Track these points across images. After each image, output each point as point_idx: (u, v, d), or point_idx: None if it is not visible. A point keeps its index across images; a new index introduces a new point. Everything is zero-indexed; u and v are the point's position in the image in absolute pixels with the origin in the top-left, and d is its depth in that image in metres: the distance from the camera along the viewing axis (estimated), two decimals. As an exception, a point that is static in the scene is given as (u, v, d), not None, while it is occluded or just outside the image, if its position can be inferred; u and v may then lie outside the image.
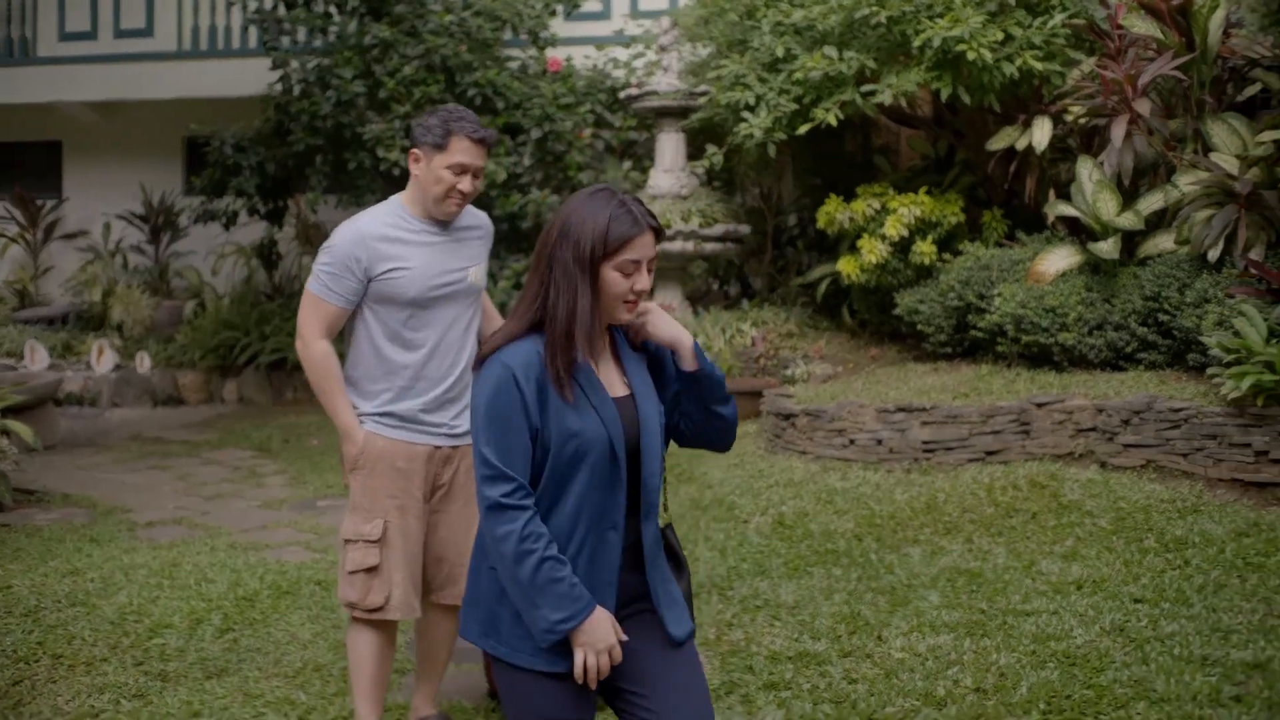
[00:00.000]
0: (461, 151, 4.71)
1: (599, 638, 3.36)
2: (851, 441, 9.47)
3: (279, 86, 14.11)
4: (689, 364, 3.58)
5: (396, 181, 13.95)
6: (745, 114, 10.89)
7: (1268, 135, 9.18)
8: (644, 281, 3.42)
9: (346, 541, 4.96)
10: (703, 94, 12.14)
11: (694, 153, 13.20)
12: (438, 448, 4.99)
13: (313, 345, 4.82)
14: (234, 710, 5.75)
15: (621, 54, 14.92)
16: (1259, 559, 6.89)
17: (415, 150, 4.79)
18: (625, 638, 3.45)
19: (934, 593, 6.84)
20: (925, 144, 12.08)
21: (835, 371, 11.26)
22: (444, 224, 4.89)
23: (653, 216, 3.45)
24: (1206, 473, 8.12)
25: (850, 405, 9.51)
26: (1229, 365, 8.15)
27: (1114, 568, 7.01)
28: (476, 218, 5.10)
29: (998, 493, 8.17)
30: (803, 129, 10.61)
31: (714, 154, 12.01)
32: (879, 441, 9.32)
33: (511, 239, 14.04)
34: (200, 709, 5.75)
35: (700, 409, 3.64)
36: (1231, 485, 7.97)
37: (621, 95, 13.60)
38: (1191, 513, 7.63)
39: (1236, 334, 8.24)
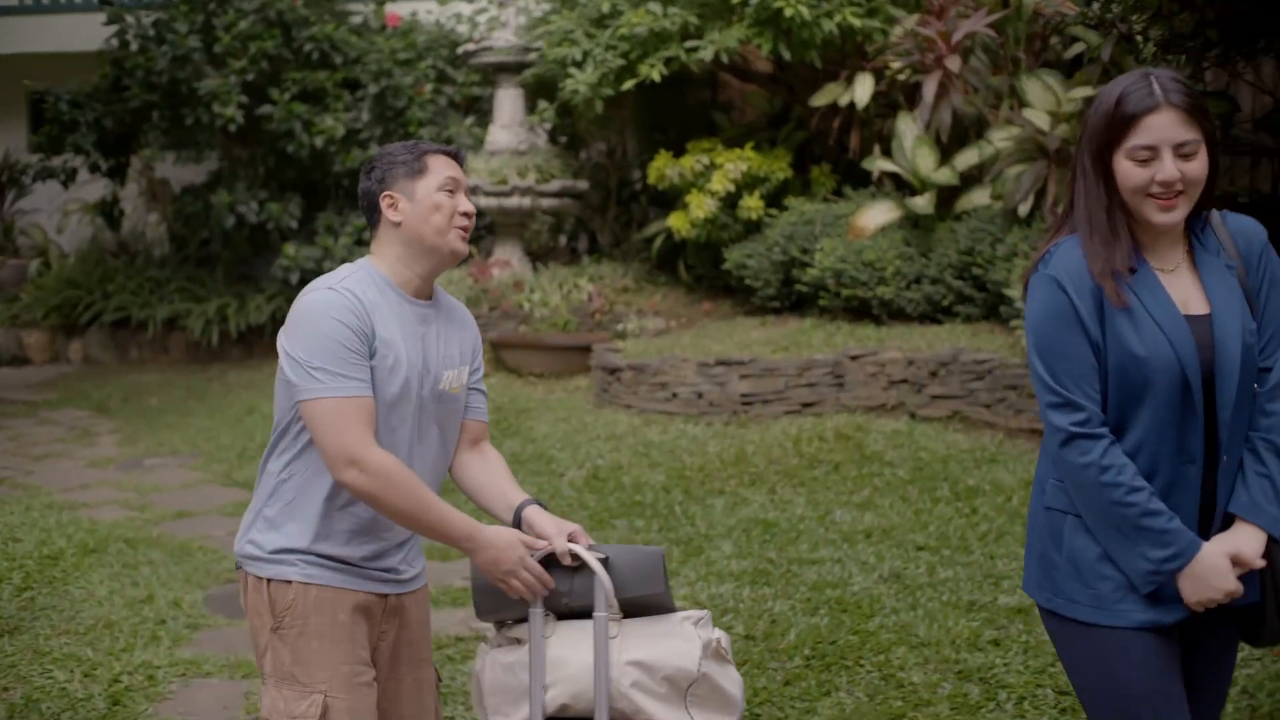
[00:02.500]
0: (444, 166, 3.55)
1: (1215, 580, 2.97)
2: (674, 395, 9.56)
3: (115, 42, 13.90)
4: None
5: (234, 138, 13.84)
6: (572, 70, 10.91)
7: (1079, 92, 9.36)
8: (1168, 170, 2.94)
9: None
10: (537, 50, 12.13)
11: (535, 108, 13.19)
12: (384, 596, 3.60)
13: (372, 461, 3.32)
14: (21, 668, 5.71)
15: (466, 9, 14.86)
16: (1043, 506, 7.06)
17: (388, 194, 3.52)
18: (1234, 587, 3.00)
19: (728, 543, 6.95)
20: (763, 100, 12.15)
21: (668, 326, 11.35)
22: (428, 298, 3.61)
23: (1186, 90, 2.95)
24: (1007, 423, 8.31)
25: (673, 359, 9.60)
26: (1030, 317, 8.32)
27: (905, 516, 7.16)
28: (452, 303, 3.77)
29: (804, 444, 8.30)
30: (628, 84, 10.64)
31: (545, 110, 12.01)
32: (700, 395, 9.42)
33: (352, 195, 13.95)
34: (-17, 667, 5.73)
35: None
36: (1030, 435, 8.16)
37: (460, 51, 13.55)
38: (988, 462, 7.81)
39: (1039, 287, 8.40)
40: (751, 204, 10.84)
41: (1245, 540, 3.01)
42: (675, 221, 11.25)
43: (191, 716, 5.34)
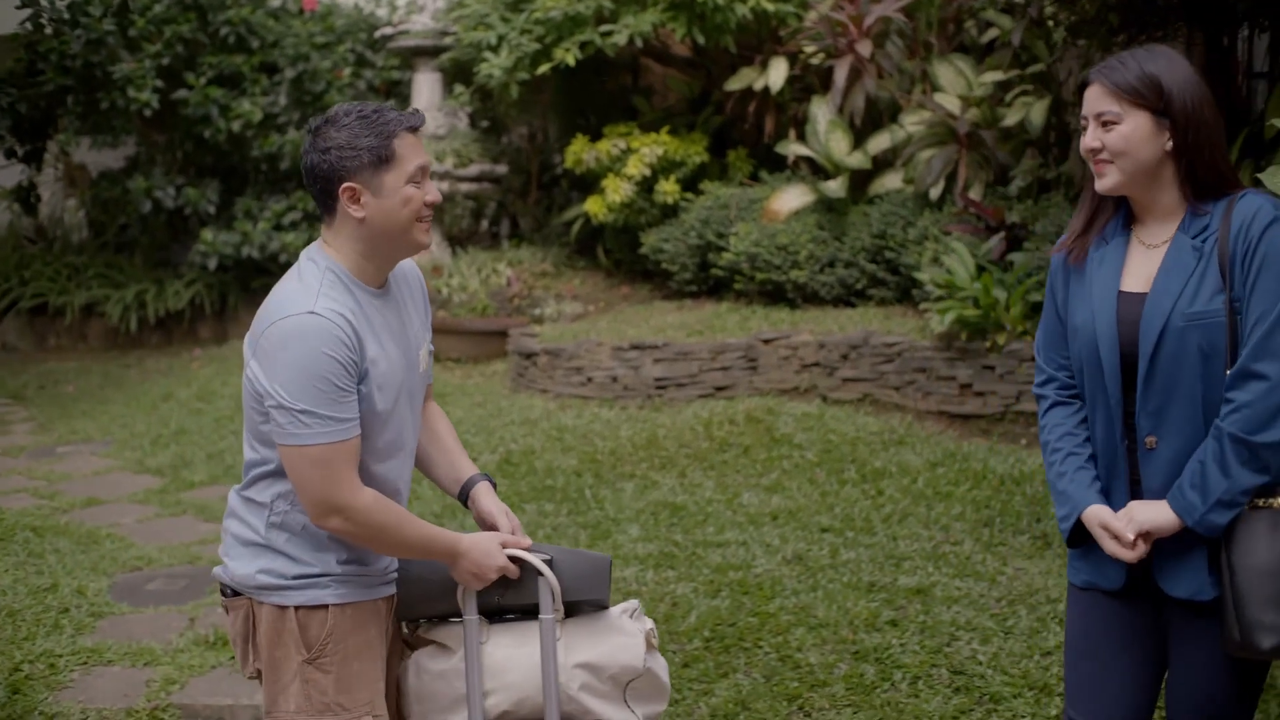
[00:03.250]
0: (412, 151, 3.19)
1: (1103, 542, 3.17)
2: (589, 379, 9.57)
3: (29, 25, 13.72)
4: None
5: (151, 123, 13.70)
6: (488, 54, 10.89)
7: (989, 76, 9.44)
8: (1087, 138, 3.20)
9: None
10: (454, 34, 12.10)
11: (453, 92, 13.15)
12: (391, 596, 3.45)
13: (357, 503, 3.13)
14: (-84, 660, 5.68)
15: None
16: (948, 488, 7.14)
17: (348, 184, 3.15)
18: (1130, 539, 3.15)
19: (635, 526, 6.97)
20: (683, 84, 12.17)
21: (586, 310, 11.35)
22: (383, 286, 3.32)
23: (1122, 68, 3.15)
24: (916, 405, 8.38)
25: (588, 343, 9.61)
26: (939, 300, 8.40)
27: (811, 499, 7.21)
28: (404, 265, 3.48)
29: (715, 427, 8.33)
30: (544, 68, 10.64)
31: (461, 94, 11.98)
32: (614, 379, 9.44)
33: (271, 180, 13.88)
34: None
35: None
36: (939, 417, 8.23)
37: (378, 35, 13.50)
38: (896, 444, 7.87)
39: (948, 271, 8.48)
40: (667, 188, 10.86)
41: (1145, 511, 3.13)
42: (592, 206, 11.25)
43: (91, 704, 5.32)
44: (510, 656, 3.31)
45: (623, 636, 3.33)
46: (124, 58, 13.05)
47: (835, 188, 9.70)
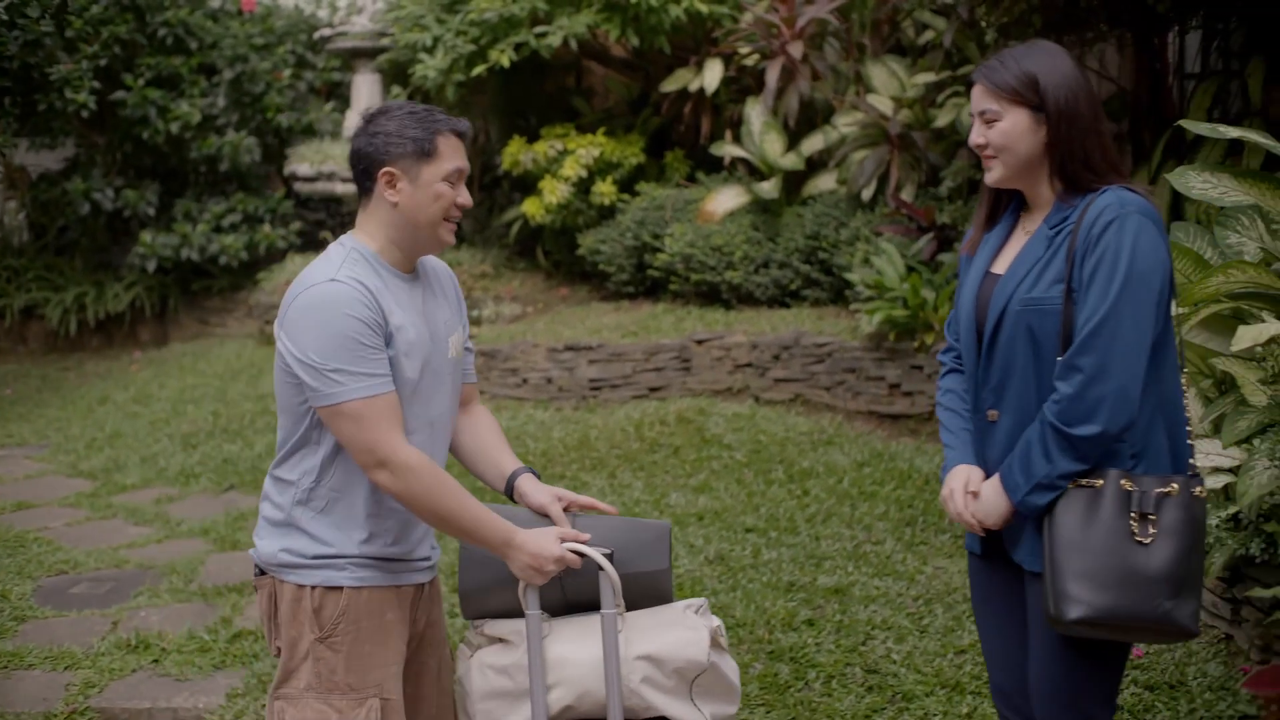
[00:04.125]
0: (453, 153, 3.35)
1: (951, 489, 3.36)
2: (524, 381, 9.60)
3: (-36, 26, 13.66)
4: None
5: (91, 124, 13.64)
6: (423, 55, 10.89)
7: (922, 78, 9.50)
8: (972, 134, 3.37)
9: None
10: (391, 35, 12.09)
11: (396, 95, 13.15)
12: (421, 585, 3.54)
13: (401, 459, 3.19)
14: None
15: (327, -8, 14.80)
16: (873, 488, 7.19)
17: (388, 169, 3.31)
18: (977, 489, 3.34)
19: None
20: (622, 86, 12.19)
21: (525, 312, 11.37)
22: (412, 272, 3.45)
23: (1000, 68, 3.29)
24: (846, 405, 8.43)
25: (523, 345, 9.63)
26: (868, 301, 8.45)
27: (738, 499, 7.24)
28: (431, 263, 3.61)
29: (646, 428, 8.36)
30: (479, 70, 10.64)
31: (398, 95, 11.98)
32: (549, 380, 9.46)
33: (210, 182, 13.85)
34: None
35: None
36: (869, 417, 8.29)
37: (316, 36, 13.48)
38: (825, 444, 7.92)
39: (878, 271, 8.53)
40: (604, 189, 10.88)
41: (978, 479, 3.35)
42: (529, 207, 11.26)
43: (9, 708, 5.32)
44: (573, 650, 3.32)
45: (686, 631, 3.32)
46: (62, 59, 12.98)
47: (769, 189, 9.75)
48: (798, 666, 5.22)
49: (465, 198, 3.38)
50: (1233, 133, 4.71)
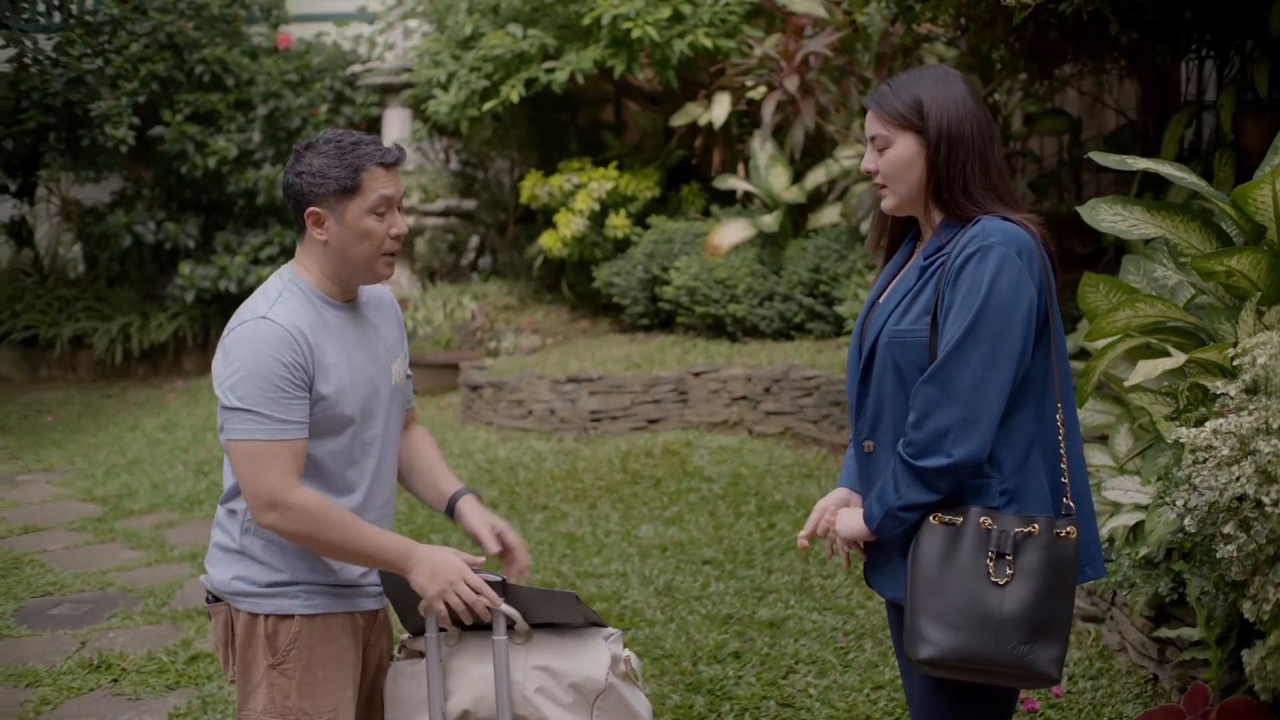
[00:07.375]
0: (380, 183, 3.31)
1: (820, 507, 3.41)
2: (529, 412, 9.72)
3: (12, 65, 14.06)
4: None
5: (135, 159, 13.99)
6: (437, 90, 11.10)
7: (923, 112, 9.50)
8: (865, 159, 3.34)
9: None
10: (411, 71, 12.32)
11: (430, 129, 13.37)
12: (374, 613, 3.57)
13: (291, 500, 3.21)
14: None
15: (367, 30, 15.05)
16: (839, 521, 7.20)
17: (314, 210, 3.31)
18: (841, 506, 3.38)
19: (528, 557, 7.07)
20: (647, 119, 12.31)
21: (543, 344, 11.49)
22: (351, 300, 3.46)
23: (891, 95, 3.25)
24: (831, 439, 8.46)
25: (529, 377, 9.76)
26: (855, 335, 8.48)
27: (705, 531, 7.31)
28: (373, 290, 3.63)
29: (631, 460, 8.45)
30: (489, 105, 10.81)
31: (419, 130, 12.20)
32: (552, 411, 9.58)
33: (248, 215, 14.15)
34: None
35: None
36: (853, 450, 8.30)
37: (348, 73, 13.75)
38: (803, 478, 7.96)
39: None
40: (618, 222, 11.00)
41: (845, 523, 3.26)
42: (547, 240, 11.41)
43: (-37, 726, 5.48)
44: (472, 662, 3.35)
45: (588, 649, 3.33)
46: (104, 95, 13.35)
47: (770, 222, 9.82)
48: (713, 699, 5.26)
49: (399, 226, 3.35)
50: (1140, 164, 4.67)
